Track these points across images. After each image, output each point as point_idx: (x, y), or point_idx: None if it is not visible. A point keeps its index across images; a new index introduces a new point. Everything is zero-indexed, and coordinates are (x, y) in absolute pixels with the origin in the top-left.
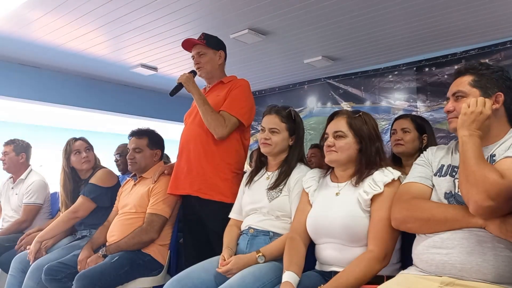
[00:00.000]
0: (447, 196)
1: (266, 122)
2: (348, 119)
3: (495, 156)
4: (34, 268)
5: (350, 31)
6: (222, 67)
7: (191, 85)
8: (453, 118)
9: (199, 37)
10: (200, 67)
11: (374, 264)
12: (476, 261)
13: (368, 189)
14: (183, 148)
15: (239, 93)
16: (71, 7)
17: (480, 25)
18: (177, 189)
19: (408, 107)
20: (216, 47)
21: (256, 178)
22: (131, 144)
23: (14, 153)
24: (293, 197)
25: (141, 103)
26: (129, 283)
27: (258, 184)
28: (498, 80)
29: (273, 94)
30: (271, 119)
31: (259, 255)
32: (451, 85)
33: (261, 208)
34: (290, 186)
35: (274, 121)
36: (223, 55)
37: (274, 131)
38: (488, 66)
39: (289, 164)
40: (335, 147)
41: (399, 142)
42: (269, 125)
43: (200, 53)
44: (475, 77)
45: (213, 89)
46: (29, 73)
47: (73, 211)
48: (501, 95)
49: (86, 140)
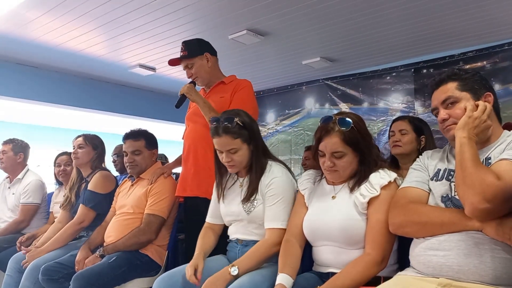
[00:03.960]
0: (444, 200)
1: (220, 145)
2: (341, 135)
3: (491, 159)
4: (31, 268)
5: (348, 32)
6: (216, 67)
7: (194, 95)
8: (451, 125)
9: (181, 48)
10: (195, 78)
11: (371, 267)
12: (473, 263)
13: (365, 192)
14: (190, 150)
15: (244, 95)
16: (69, 7)
17: (478, 27)
18: (185, 191)
19: (405, 108)
20: (199, 52)
21: (229, 185)
22: (128, 147)
23: (12, 152)
24: (265, 198)
25: (139, 103)
26: (126, 283)
27: (232, 193)
28: (481, 81)
29: (271, 95)
30: (223, 141)
31: (232, 267)
32: (435, 95)
33: (242, 220)
34: (262, 192)
35: (227, 141)
36: (210, 55)
37: (231, 151)
38: (467, 71)
39: (255, 172)
40: (336, 167)
41: (397, 143)
42: (225, 147)
43: (188, 65)
44: (459, 82)
45: (215, 90)
46: (27, 72)
47: (79, 222)
48: (490, 94)
49: (85, 137)
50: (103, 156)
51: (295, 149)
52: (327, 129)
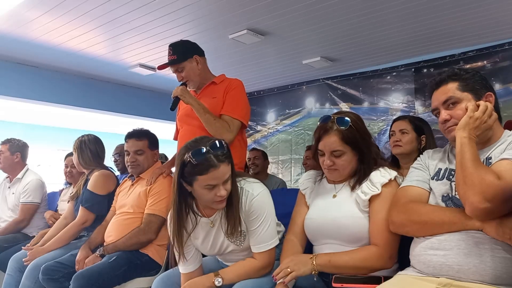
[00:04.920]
0: (445, 199)
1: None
2: (340, 134)
3: (491, 158)
4: (32, 267)
5: (348, 32)
6: (205, 68)
7: (188, 97)
8: (452, 126)
9: (168, 52)
10: (186, 81)
11: (374, 256)
12: (474, 262)
13: (366, 190)
14: None
15: (237, 95)
16: (69, 7)
17: (479, 27)
18: None
19: (406, 108)
20: (188, 55)
21: (198, 225)
22: (130, 146)
23: (9, 152)
24: (247, 222)
25: (139, 103)
26: (126, 283)
27: (204, 232)
28: (482, 81)
29: (272, 95)
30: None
31: (217, 277)
32: (436, 95)
33: (233, 251)
34: (245, 219)
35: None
36: (199, 57)
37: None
38: (467, 71)
39: (232, 209)
40: (336, 165)
41: (398, 143)
42: (223, 178)
43: (178, 69)
44: (460, 82)
45: (206, 91)
46: (27, 72)
47: (82, 223)
48: (491, 94)
49: (76, 141)
50: (102, 156)
51: (296, 149)
52: (325, 128)
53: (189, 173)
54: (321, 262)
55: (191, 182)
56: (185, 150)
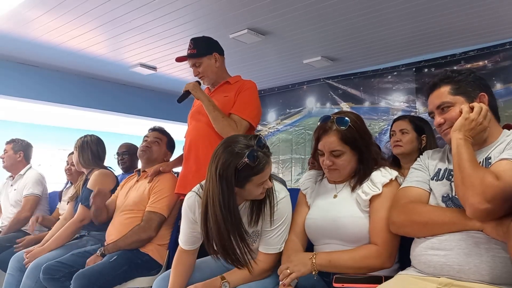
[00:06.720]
0: (445, 200)
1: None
2: (339, 134)
3: (491, 158)
4: (32, 267)
5: (349, 31)
6: (223, 67)
7: (199, 92)
8: (447, 129)
9: (189, 46)
10: (201, 77)
11: (374, 255)
12: (474, 262)
13: (367, 190)
14: (191, 148)
15: (249, 96)
16: (70, 6)
17: (480, 27)
18: (185, 189)
19: (407, 107)
20: (209, 51)
21: None
22: (151, 135)
23: (12, 151)
24: (264, 222)
25: (140, 102)
26: (127, 282)
27: None
28: (476, 82)
29: (272, 94)
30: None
31: (223, 282)
32: (430, 99)
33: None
34: (265, 218)
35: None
36: (218, 55)
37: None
38: (460, 72)
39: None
40: (335, 165)
41: (398, 143)
42: (271, 170)
43: (196, 64)
44: (452, 85)
45: (219, 89)
46: (28, 72)
47: (80, 220)
48: (484, 95)
49: (79, 140)
50: (103, 157)
51: (296, 149)
52: (325, 128)
53: (245, 176)
54: (321, 262)
55: (244, 184)
56: (231, 156)
